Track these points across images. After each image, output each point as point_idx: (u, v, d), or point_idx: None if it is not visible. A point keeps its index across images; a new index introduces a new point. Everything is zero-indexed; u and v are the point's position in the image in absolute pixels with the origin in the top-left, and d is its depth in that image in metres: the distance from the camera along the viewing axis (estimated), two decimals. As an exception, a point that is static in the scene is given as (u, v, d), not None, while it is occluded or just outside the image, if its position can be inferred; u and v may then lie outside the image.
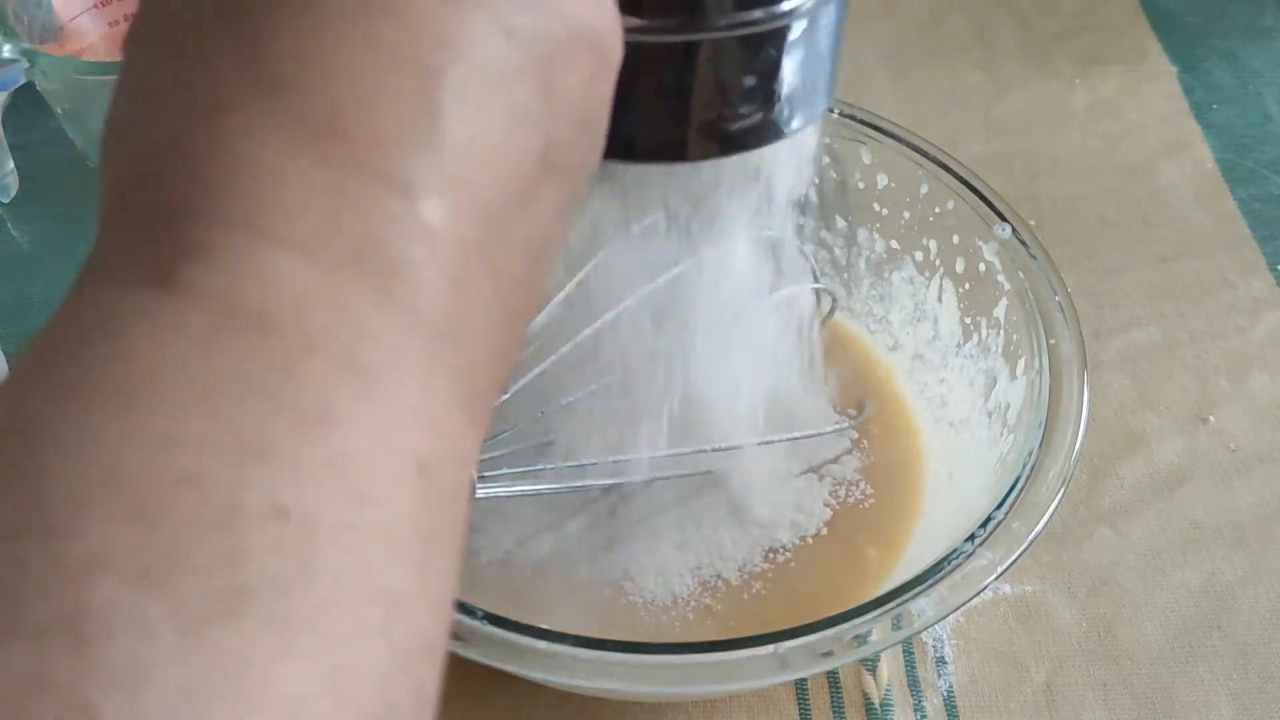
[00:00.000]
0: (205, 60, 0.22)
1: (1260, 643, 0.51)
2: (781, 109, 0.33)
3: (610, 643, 0.40)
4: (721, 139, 0.33)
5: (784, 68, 0.33)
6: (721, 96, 0.32)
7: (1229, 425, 0.58)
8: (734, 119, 0.33)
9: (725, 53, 0.32)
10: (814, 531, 0.50)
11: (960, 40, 0.80)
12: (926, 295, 0.56)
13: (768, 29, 0.32)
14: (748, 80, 0.32)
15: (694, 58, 0.31)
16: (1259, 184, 0.70)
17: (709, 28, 0.31)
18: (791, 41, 0.32)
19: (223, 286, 0.20)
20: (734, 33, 0.31)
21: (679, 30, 0.31)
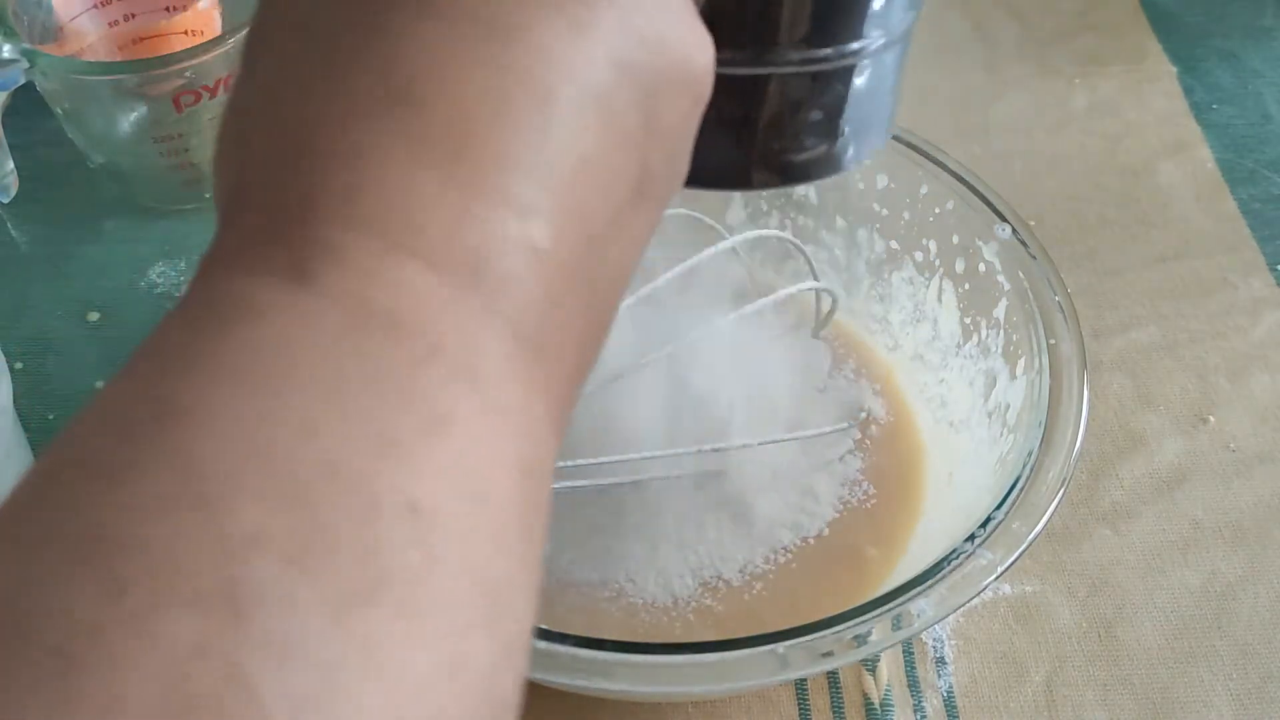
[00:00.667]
0: (337, 66, 0.23)
1: (1260, 643, 0.51)
2: (843, 143, 0.34)
3: (610, 643, 0.40)
4: (783, 170, 0.34)
5: (848, 104, 0.34)
6: (786, 129, 0.33)
7: (1229, 425, 0.58)
8: (797, 151, 0.34)
9: (793, 88, 0.32)
10: (815, 532, 0.50)
11: (960, 40, 0.80)
12: (926, 295, 0.56)
13: (835, 67, 0.33)
14: (813, 115, 0.33)
15: (762, 91, 0.32)
16: (1259, 184, 0.70)
17: (779, 63, 0.32)
18: (857, 80, 0.33)
19: (356, 287, 0.21)
20: (804, 69, 0.32)
21: (750, 64, 0.32)
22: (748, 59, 0.32)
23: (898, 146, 0.55)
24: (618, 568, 0.49)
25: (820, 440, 0.52)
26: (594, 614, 0.48)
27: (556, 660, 0.40)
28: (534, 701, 0.48)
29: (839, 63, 0.33)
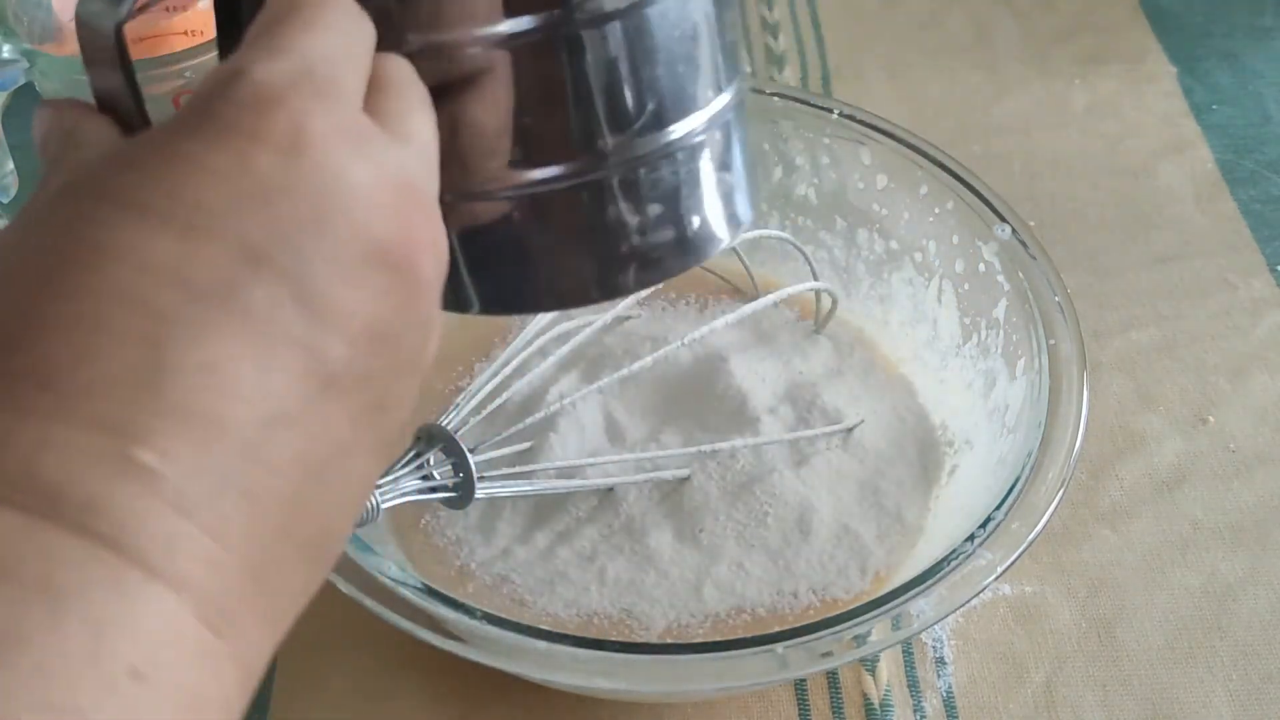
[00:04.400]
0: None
1: (1260, 643, 0.51)
2: (697, 230, 0.33)
3: (610, 643, 0.40)
4: (641, 270, 0.33)
5: (685, 191, 0.32)
6: (629, 230, 0.32)
7: (1229, 425, 0.58)
8: (648, 250, 0.32)
9: (622, 188, 0.31)
10: (816, 531, 0.50)
11: (960, 40, 0.80)
12: (926, 296, 0.56)
13: (663, 156, 0.31)
14: (655, 208, 0.32)
15: (594, 199, 0.31)
16: (1259, 184, 0.70)
17: (603, 167, 0.31)
18: (690, 164, 0.32)
19: None
20: (628, 168, 0.31)
21: (574, 176, 0.31)
22: (571, 172, 0.31)
23: (898, 146, 0.55)
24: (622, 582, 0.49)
25: (819, 439, 0.52)
26: (591, 613, 0.48)
27: (556, 660, 0.40)
28: (534, 701, 0.49)
29: (667, 150, 0.31)
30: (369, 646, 0.50)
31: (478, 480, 0.44)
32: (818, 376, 0.55)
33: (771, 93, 0.57)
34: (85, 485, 0.21)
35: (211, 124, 0.24)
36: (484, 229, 0.31)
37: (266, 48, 0.25)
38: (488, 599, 0.48)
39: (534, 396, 0.53)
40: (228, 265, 0.23)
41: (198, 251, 0.23)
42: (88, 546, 0.21)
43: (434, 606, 0.40)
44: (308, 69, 0.25)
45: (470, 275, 0.32)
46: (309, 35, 0.26)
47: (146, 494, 0.22)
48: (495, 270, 0.32)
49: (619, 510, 0.50)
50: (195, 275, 0.23)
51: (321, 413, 0.24)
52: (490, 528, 0.50)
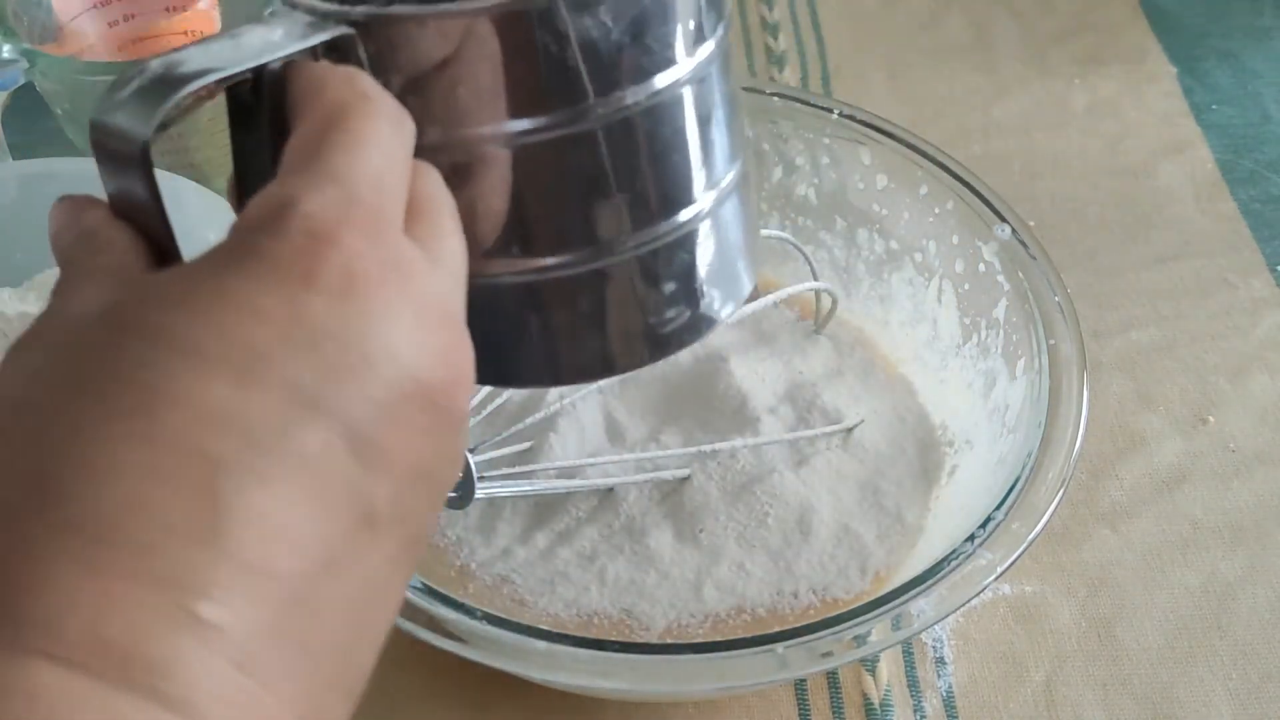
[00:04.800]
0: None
1: (1260, 643, 0.51)
2: (708, 302, 0.34)
3: (610, 643, 0.40)
4: (654, 345, 0.33)
5: (698, 267, 0.33)
6: (647, 308, 0.33)
7: (1229, 425, 0.58)
8: (662, 325, 0.33)
9: (638, 271, 0.32)
10: (816, 531, 0.50)
11: (960, 40, 0.80)
12: (926, 296, 0.56)
13: (675, 238, 0.32)
14: (667, 288, 0.32)
15: (611, 281, 0.32)
16: (1259, 184, 0.70)
17: (618, 252, 0.31)
18: (701, 241, 0.32)
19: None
20: (641, 250, 0.31)
21: (587, 261, 0.31)
22: (584, 258, 0.31)
23: (898, 146, 0.55)
24: (622, 581, 0.49)
25: (818, 439, 0.52)
26: (590, 613, 0.48)
27: (556, 660, 0.40)
28: (534, 701, 0.49)
29: (677, 234, 0.32)
30: (369, 646, 0.50)
31: (478, 480, 0.44)
32: (818, 376, 0.55)
33: (771, 93, 0.57)
34: (152, 646, 0.21)
35: (261, 263, 0.23)
36: (493, 312, 0.31)
37: (313, 173, 0.24)
38: (488, 599, 0.48)
39: (534, 396, 0.53)
40: (281, 411, 0.22)
41: (252, 398, 0.22)
42: (157, 712, 0.20)
43: (434, 606, 0.40)
44: (357, 198, 0.24)
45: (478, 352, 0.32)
46: (356, 157, 0.25)
47: (211, 653, 0.21)
48: (505, 349, 0.32)
49: (619, 510, 0.50)
50: (251, 421, 0.22)
51: (365, 556, 0.24)
52: (490, 528, 0.50)
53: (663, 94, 0.30)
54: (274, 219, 0.24)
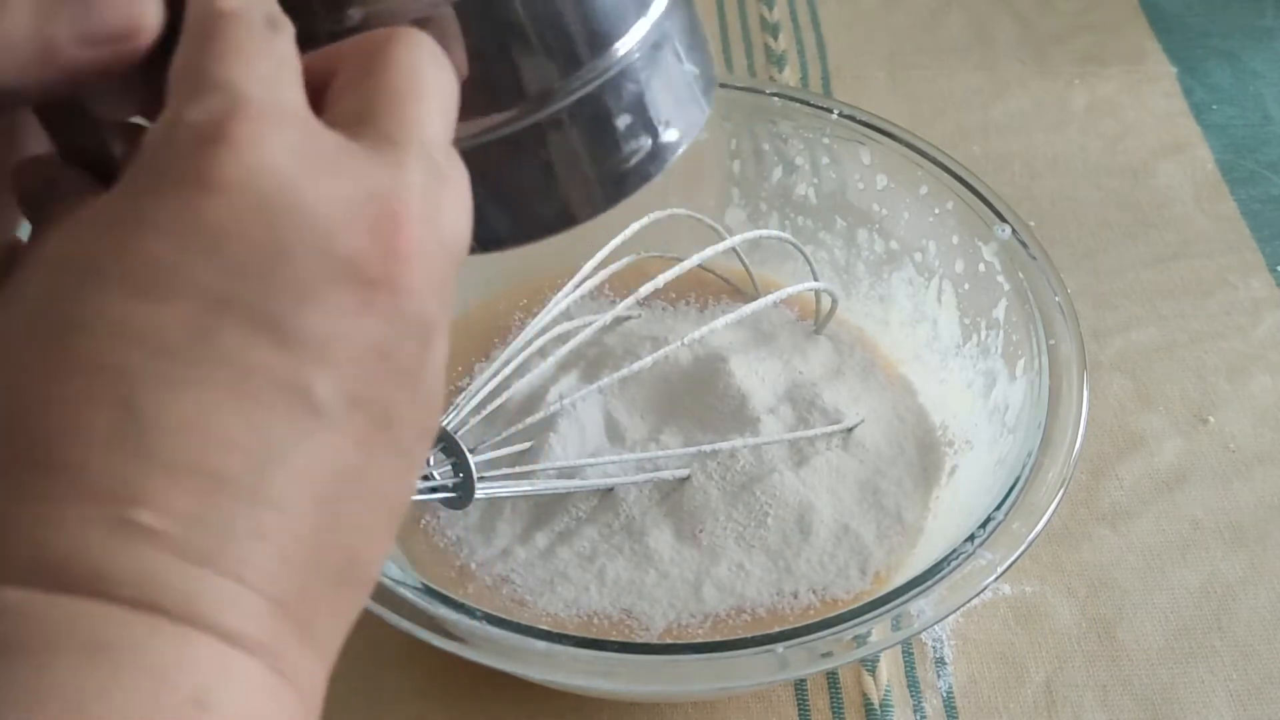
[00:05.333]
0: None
1: (1260, 643, 0.51)
2: (667, 130, 0.34)
3: (610, 643, 0.40)
4: (621, 182, 0.34)
5: (646, 100, 0.33)
6: (607, 148, 0.33)
7: (1229, 425, 0.58)
8: (623, 162, 0.33)
9: (589, 109, 0.32)
10: (816, 531, 0.50)
11: (960, 40, 0.80)
12: (926, 296, 0.56)
13: (613, 75, 0.32)
14: (622, 122, 0.33)
15: (567, 127, 0.32)
16: (1259, 184, 0.70)
17: (567, 93, 0.31)
18: (646, 72, 0.33)
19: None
20: (589, 88, 0.32)
21: (536, 110, 0.31)
22: (533, 107, 0.31)
23: (898, 146, 0.55)
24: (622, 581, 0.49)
25: (817, 439, 0.52)
26: (590, 613, 0.48)
27: (556, 660, 0.40)
28: (534, 701, 0.49)
29: (615, 69, 0.32)
30: (369, 646, 0.50)
31: (478, 480, 0.44)
32: (818, 376, 0.55)
33: (771, 93, 0.57)
34: (91, 555, 0.22)
35: (153, 178, 0.24)
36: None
37: (192, 87, 0.25)
38: (488, 599, 0.48)
39: (534, 396, 0.53)
40: (192, 316, 0.23)
41: (159, 309, 0.23)
42: (112, 610, 0.22)
43: (434, 607, 0.40)
44: (243, 96, 0.24)
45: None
46: (234, 63, 0.25)
47: (152, 551, 0.22)
48: (483, 212, 0.33)
49: (619, 510, 0.50)
50: (161, 332, 0.23)
51: (320, 443, 0.24)
52: (490, 528, 0.50)
53: None
54: (163, 139, 0.24)
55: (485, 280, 0.58)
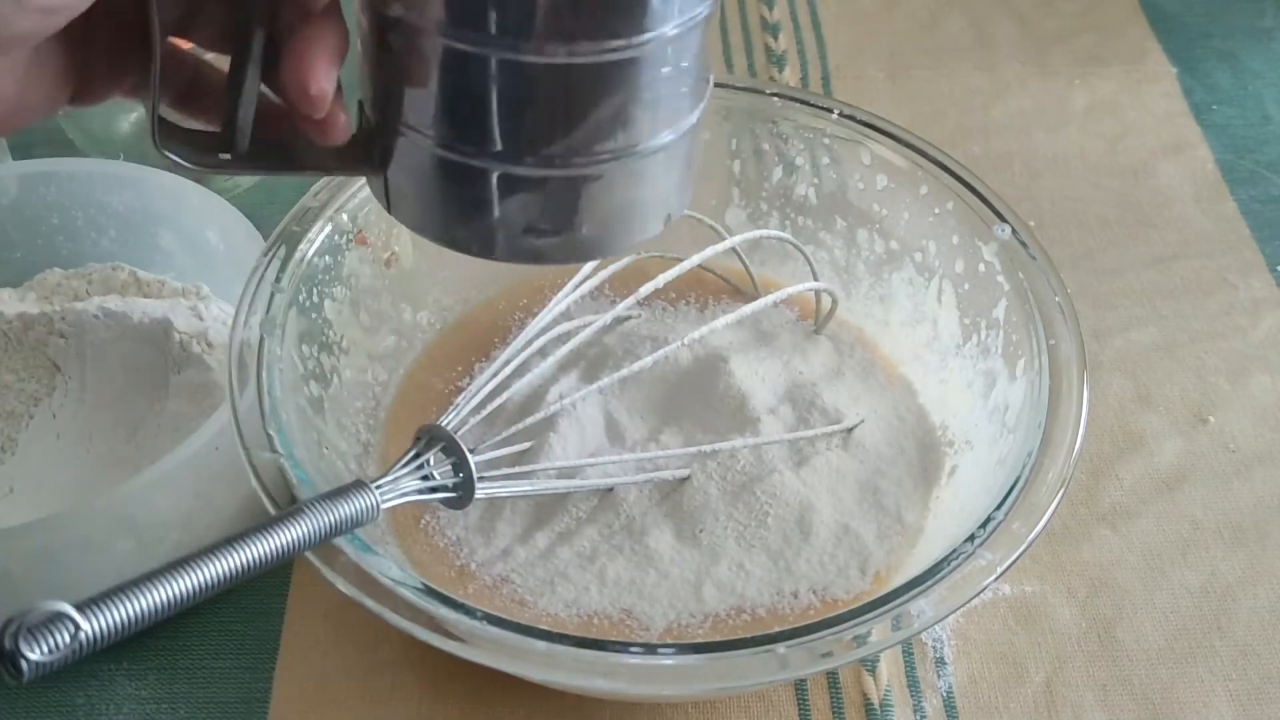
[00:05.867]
0: None
1: (1260, 643, 0.51)
2: (587, 237, 0.37)
3: (610, 643, 0.40)
4: (520, 251, 0.38)
5: (580, 207, 0.36)
6: (520, 218, 0.37)
7: (1229, 425, 0.58)
8: (534, 236, 0.37)
9: (516, 184, 0.36)
10: (816, 531, 0.50)
11: (960, 40, 0.80)
12: (926, 296, 0.56)
13: (558, 175, 0.36)
14: (544, 208, 0.37)
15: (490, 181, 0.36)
16: (1259, 185, 0.71)
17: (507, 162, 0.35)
18: (586, 187, 0.36)
19: None
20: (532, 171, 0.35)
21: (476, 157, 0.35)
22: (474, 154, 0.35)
23: (898, 146, 0.55)
24: (622, 582, 0.49)
25: (817, 439, 0.52)
26: (590, 613, 0.48)
27: (557, 660, 0.40)
28: (534, 701, 0.49)
29: (566, 170, 0.35)
30: (369, 646, 0.50)
31: (478, 480, 0.44)
32: (818, 376, 0.55)
33: (771, 93, 0.57)
34: None
35: None
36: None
37: None
38: (488, 599, 0.48)
39: (534, 396, 0.53)
40: None
41: None
42: None
43: (434, 607, 0.40)
44: None
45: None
46: None
47: None
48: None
49: (619, 510, 0.50)
50: None
51: None
52: (490, 528, 0.50)
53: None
54: None
55: (485, 280, 0.58)
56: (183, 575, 0.34)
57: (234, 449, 0.44)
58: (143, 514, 0.47)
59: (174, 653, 0.51)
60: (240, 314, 0.48)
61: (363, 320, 0.54)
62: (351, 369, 0.53)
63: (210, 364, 0.55)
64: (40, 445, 0.55)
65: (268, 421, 0.44)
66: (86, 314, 0.56)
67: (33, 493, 0.53)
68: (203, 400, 0.54)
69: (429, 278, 0.57)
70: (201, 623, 0.51)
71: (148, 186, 0.60)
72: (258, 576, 0.36)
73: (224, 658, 0.51)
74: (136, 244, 0.61)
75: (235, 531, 0.36)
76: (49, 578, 0.47)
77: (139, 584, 0.33)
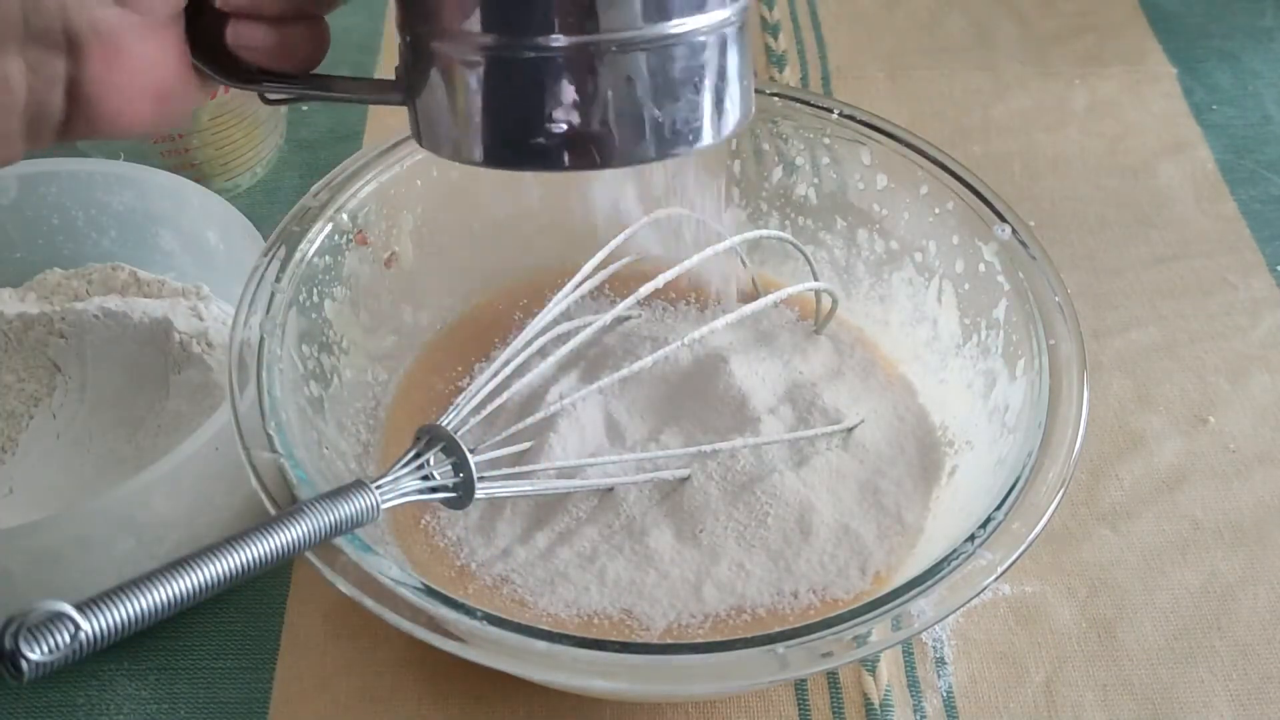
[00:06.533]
0: None
1: (1260, 643, 0.51)
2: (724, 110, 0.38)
3: (610, 643, 0.40)
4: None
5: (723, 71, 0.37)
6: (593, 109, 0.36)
7: (1229, 425, 0.58)
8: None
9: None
10: (816, 531, 0.50)
11: (960, 40, 0.80)
12: (926, 296, 0.56)
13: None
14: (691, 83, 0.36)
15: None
16: (1259, 185, 0.71)
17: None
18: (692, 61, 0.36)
19: None
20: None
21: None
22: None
23: (898, 146, 0.55)
24: (622, 581, 0.49)
25: (817, 439, 0.52)
26: (590, 612, 0.48)
27: (557, 660, 0.40)
28: (534, 701, 0.49)
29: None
30: (369, 646, 0.50)
31: (478, 480, 0.44)
32: (818, 376, 0.55)
33: (771, 93, 0.57)
34: None
35: None
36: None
37: None
38: (488, 599, 0.48)
39: (534, 396, 0.53)
40: None
41: None
42: None
43: (434, 607, 0.40)
44: None
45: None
46: None
47: None
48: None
49: (619, 510, 0.50)
50: None
51: None
52: (490, 528, 0.50)
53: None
54: None
55: (485, 280, 0.58)
56: (183, 575, 0.34)
57: (234, 449, 0.44)
58: (143, 514, 0.47)
59: (174, 653, 0.51)
60: (240, 314, 0.48)
61: (363, 320, 0.54)
62: (351, 369, 0.53)
63: (210, 364, 0.55)
64: (40, 445, 0.55)
65: (268, 421, 0.44)
66: (86, 314, 0.56)
67: (33, 493, 0.53)
68: (203, 400, 0.54)
69: (429, 278, 0.57)
70: (201, 623, 0.52)
71: (148, 186, 0.60)
72: (258, 576, 0.36)
73: (224, 658, 0.51)
74: (136, 244, 0.61)
75: (235, 531, 0.36)
76: (49, 578, 0.47)
77: (139, 584, 0.33)
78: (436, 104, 0.37)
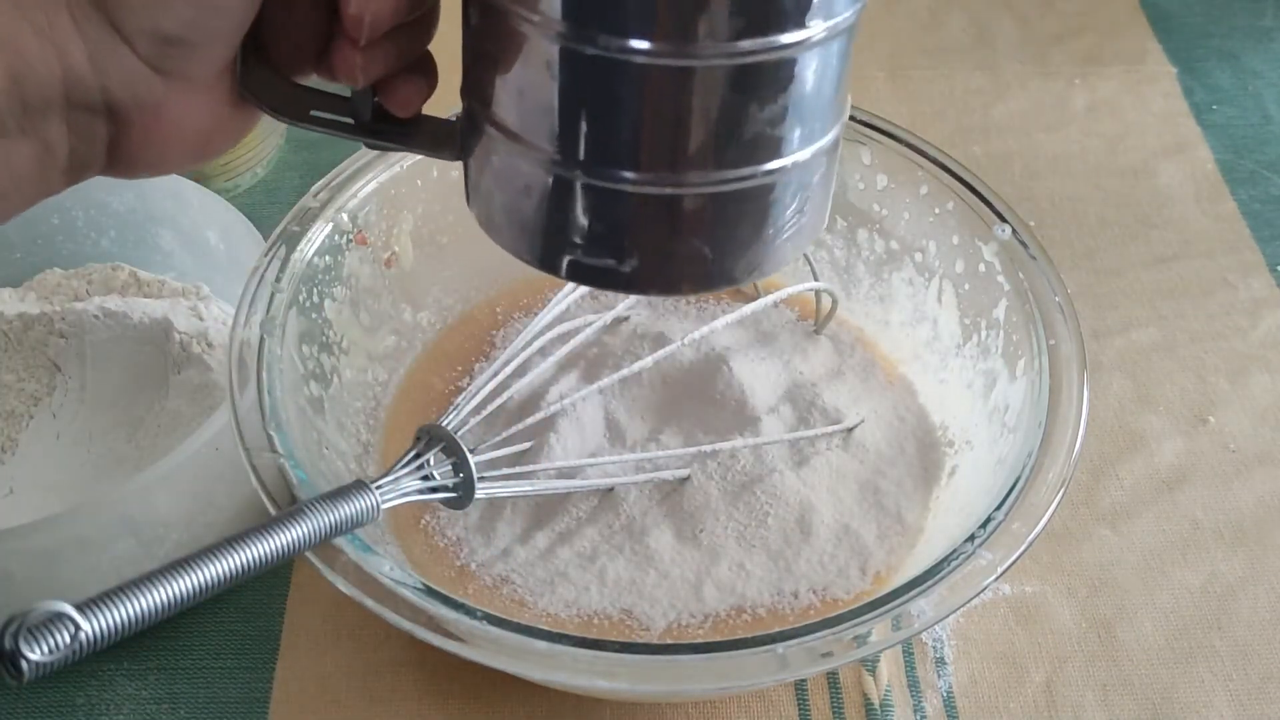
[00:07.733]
0: None
1: (1260, 643, 0.51)
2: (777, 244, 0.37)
3: (610, 643, 0.40)
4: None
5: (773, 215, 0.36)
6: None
7: (1229, 425, 0.58)
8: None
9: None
10: (816, 531, 0.50)
11: (960, 40, 0.80)
12: (926, 296, 0.56)
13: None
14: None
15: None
16: (1259, 185, 0.70)
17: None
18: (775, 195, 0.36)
19: None
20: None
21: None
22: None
23: (898, 146, 0.55)
24: (622, 581, 0.49)
25: (818, 439, 0.52)
26: (590, 612, 0.48)
27: (557, 660, 0.40)
28: (534, 701, 0.49)
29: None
30: (369, 646, 0.50)
31: (478, 480, 0.44)
32: (818, 376, 0.55)
33: (771, 93, 0.57)
34: None
35: None
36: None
37: None
38: (488, 599, 0.48)
39: (534, 396, 0.53)
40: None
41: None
42: None
43: (434, 607, 0.40)
44: None
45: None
46: None
47: None
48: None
49: (619, 510, 0.50)
50: None
51: None
52: (490, 528, 0.50)
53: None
54: None
55: (485, 280, 0.58)
56: (183, 575, 0.34)
57: (234, 449, 0.44)
58: (143, 514, 0.47)
59: (174, 653, 0.51)
60: (240, 314, 0.48)
61: (363, 320, 0.54)
62: (351, 369, 0.53)
63: (210, 364, 0.55)
64: (40, 445, 0.55)
65: (268, 422, 0.44)
66: (86, 314, 0.56)
67: (33, 493, 0.53)
68: (203, 400, 0.54)
69: (429, 278, 0.57)
70: (201, 623, 0.51)
71: (148, 186, 0.60)
72: (258, 576, 0.36)
73: (224, 658, 0.51)
74: (136, 244, 0.61)
75: (235, 531, 0.36)
76: (49, 578, 0.47)
77: (139, 584, 0.33)
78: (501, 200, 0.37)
